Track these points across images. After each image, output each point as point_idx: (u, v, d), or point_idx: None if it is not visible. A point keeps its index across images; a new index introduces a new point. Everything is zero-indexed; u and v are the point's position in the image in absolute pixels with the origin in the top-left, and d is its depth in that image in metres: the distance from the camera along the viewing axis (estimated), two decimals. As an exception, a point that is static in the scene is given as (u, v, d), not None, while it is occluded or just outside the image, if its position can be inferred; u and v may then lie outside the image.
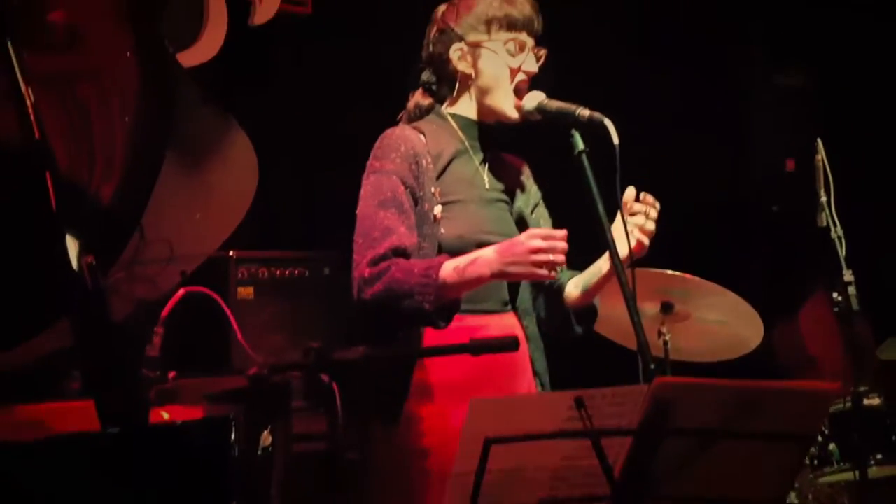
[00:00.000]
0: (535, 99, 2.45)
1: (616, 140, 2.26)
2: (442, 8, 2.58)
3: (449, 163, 2.49)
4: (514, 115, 2.50)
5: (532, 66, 2.49)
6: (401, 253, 2.33)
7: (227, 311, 2.26)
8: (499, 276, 2.28)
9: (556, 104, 2.41)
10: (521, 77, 2.49)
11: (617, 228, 2.36)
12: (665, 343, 3.27)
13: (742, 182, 4.69)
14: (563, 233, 2.26)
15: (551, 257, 2.22)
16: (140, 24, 2.25)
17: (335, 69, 3.96)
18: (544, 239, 2.23)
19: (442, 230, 2.41)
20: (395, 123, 2.57)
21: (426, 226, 2.40)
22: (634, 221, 2.40)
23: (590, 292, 2.54)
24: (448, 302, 2.30)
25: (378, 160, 2.43)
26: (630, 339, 3.26)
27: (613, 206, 2.35)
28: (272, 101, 3.85)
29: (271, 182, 3.64)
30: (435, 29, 2.55)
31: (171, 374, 2.17)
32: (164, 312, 2.25)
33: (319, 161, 3.87)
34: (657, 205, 2.43)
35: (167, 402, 2.17)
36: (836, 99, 4.41)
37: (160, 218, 2.48)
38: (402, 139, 2.45)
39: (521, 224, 2.57)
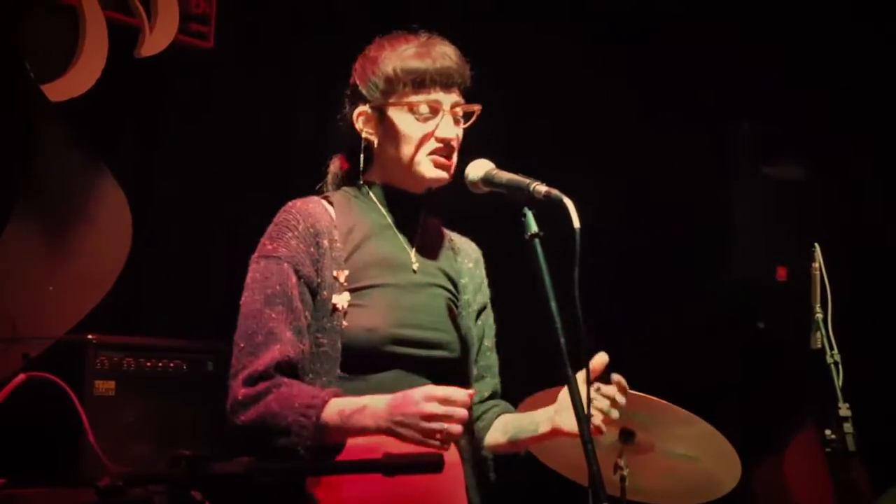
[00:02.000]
0: (481, 168, 2.45)
1: (577, 223, 2.27)
2: (360, 55, 2.59)
3: (363, 240, 2.49)
4: (436, 174, 2.50)
5: (448, 132, 2.50)
6: (283, 368, 2.34)
7: (77, 404, 2.21)
8: (386, 433, 2.28)
9: (506, 176, 2.42)
10: (433, 145, 2.49)
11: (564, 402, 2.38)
12: (622, 479, 3.25)
13: (724, 291, 4.76)
14: (465, 398, 2.25)
15: (446, 426, 2.22)
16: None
17: (237, 115, 3.98)
18: (442, 402, 2.23)
19: (345, 323, 2.40)
20: (318, 192, 2.60)
21: (325, 318, 2.41)
22: (598, 405, 2.42)
23: (518, 445, 2.58)
24: (330, 445, 2.31)
25: (271, 241, 2.44)
26: (579, 473, 3.28)
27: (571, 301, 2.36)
28: (157, 150, 3.83)
29: (147, 250, 3.62)
30: (350, 82, 2.59)
31: (0, 482, 2.10)
32: (-2, 401, 2.18)
33: (211, 227, 3.84)
34: (627, 392, 2.47)
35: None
36: (839, 198, 4.53)
37: (2, 286, 2.43)
38: (302, 215, 2.46)
39: (463, 326, 2.57)
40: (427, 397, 2.24)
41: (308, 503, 2.35)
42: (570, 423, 2.38)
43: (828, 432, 3.15)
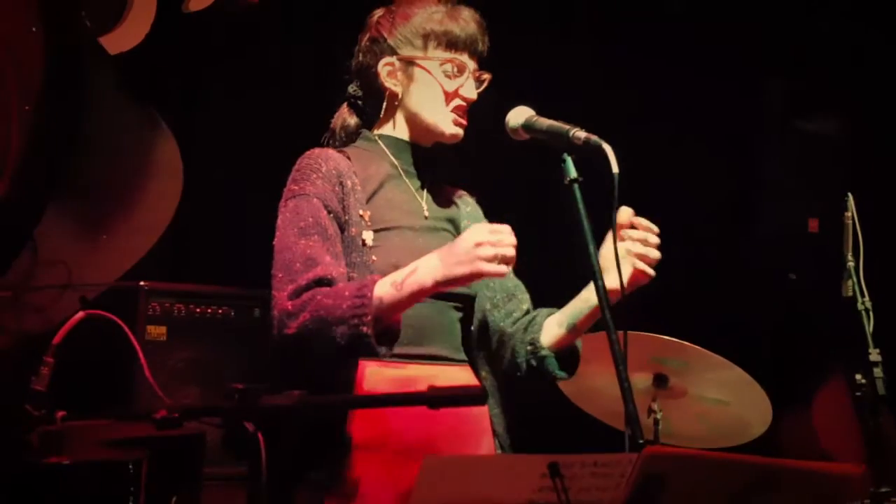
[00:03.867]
0: (522, 115, 2.46)
1: (616, 169, 2.26)
2: (378, 13, 2.65)
3: (379, 187, 2.54)
4: (453, 130, 2.56)
5: (471, 92, 2.57)
6: (326, 284, 2.34)
7: (135, 342, 2.23)
8: (444, 283, 2.28)
9: (546, 122, 2.42)
10: (457, 102, 2.55)
11: (607, 259, 2.35)
12: (656, 422, 3.27)
13: (757, 242, 4.73)
14: (507, 227, 2.29)
15: (500, 250, 2.24)
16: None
17: (282, 70, 3.98)
18: (490, 233, 2.26)
19: (374, 258, 2.44)
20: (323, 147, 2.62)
21: (354, 253, 2.44)
22: (631, 248, 2.41)
23: (577, 328, 2.53)
24: (387, 325, 2.30)
25: (296, 183, 2.48)
26: (614, 417, 3.29)
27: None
28: (206, 103, 3.84)
29: (196, 199, 3.64)
30: (367, 36, 2.62)
31: (60, 414, 2.12)
32: (57, 339, 2.20)
33: (257, 178, 3.84)
34: (655, 228, 2.44)
35: (52, 448, 2.12)
36: (871, 148, 4.48)
37: (58, 233, 2.45)
38: (322, 158, 2.50)
39: None
40: (473, 232, 2.28)
41: (344, 439, 2.35)
42: (616, 280, 2.33)
43: (858, 377, 3.14)
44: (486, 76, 2.60)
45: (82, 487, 1.86)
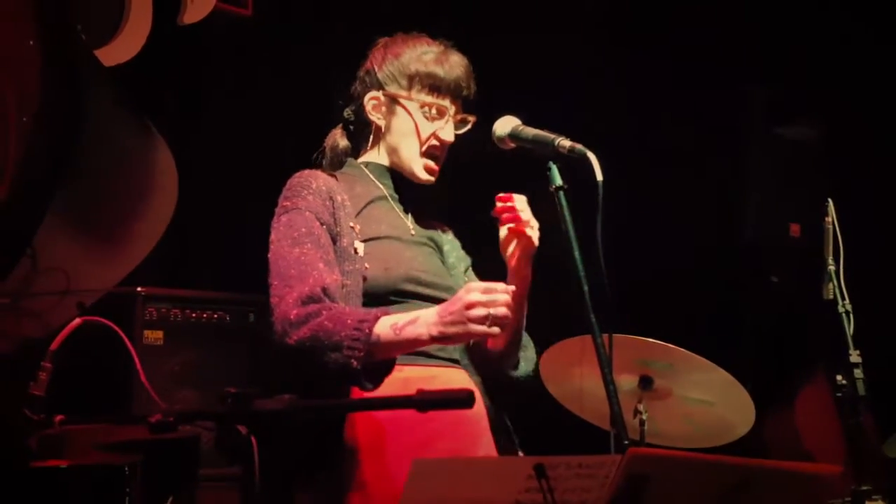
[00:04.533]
0: (508, 124, 2.49)
1: (600, 177, 2.29)
2: (380, 42, 2.71)
3: (367, 204, 2.60)
4: (424, 176, 2.63)
5: (448, 135, 2.62)
6: (327, 293, 2.37)
7: (130, 347, 2.24)
8: (438, 338, 2.31)
9: (532, 132, 2.46)
10: (433, 143, 2.62)
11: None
12: (642, 423, 3.28)
13: (739, 248, 4.75)
14: (505, 287, 2.31)
15: (491, 311, 2.25)
16: (46, 7, 2.24)
17: (275, 81, 3.99)
18: (483, 292, 2.28)
19: (366, 265, 2.48)
20: (315, 165, 2.69)
21: (347, 262, 2.48)
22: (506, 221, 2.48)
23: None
24: (378, 362, 2.32)
25: (288, 200, 2.53)
26: (601, 418, 3.30)
27: (594, 253, 2.37)
28: (200, 113, 3.85)
29: (191, 207, 3.64)
30: (363, 66, 2.70)
31: (58, 418, 2.13)
32: (55, 344, 2.21)
33: (252, 186, 3.85)
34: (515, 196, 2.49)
35: (51, 452, 2.13)
36: (850, 155, 4.50)
37: (57, 241, 2.46)
38: (312, 177, 2.56)
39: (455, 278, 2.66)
40: (468, 290, 2.30)
41: (340, 441, 2.37)
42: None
43: (839, 378, 3.17)
44: (471, 119, 2.65)
45: (80, 490, 1.87)
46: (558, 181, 2.36)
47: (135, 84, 3.42)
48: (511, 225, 2.48)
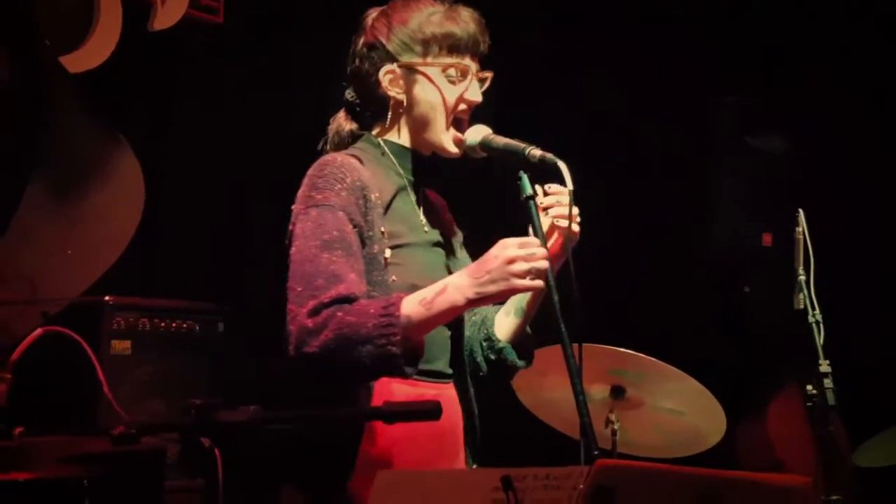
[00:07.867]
0: (479, 133, 2.44)
1: (570, 186, 2.27)
2: (372, 14, 2.52)
3: (392, 199, 2.43)
4: (454, 150, 2.47)
5: (475, 94, 2.46)
6: (347, 302, 2.21)
7: (92, 357, 2.20)
8: (476, 301, 2.21)
9: (503, 141, 2.41)
10: (461, 107, 2.45)
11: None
12: (614, 433, 3.27)
13: (712, 258, 4.76)
14: (535, 239, 2.24)
15: (533, 264, 2.18)
16: (8, 11, 2.20)
17: (245, 88, 3.96)
18: (520, 247, 2.20)
19: (393, 277, 2.34)
20: (320, 153, 2.50)
21: (375, 272, 2.32)
22: (558, 212, 2.38)
23: (525, 312, 2.50)
24: (413, 344, 2.19)
25: (319, 191, 2.32)
26: (572, 428, 3.28)
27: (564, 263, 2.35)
28: (170, 120, 3.82)
29: (159, 216, 3.61)
30: (362, 41, 2.49)
31: (18, 430, 2.09)
32: (15, 355, 2.17)
33: (222, 194, 3.83)
34: (564, 190, 2.35)
35: (10, 465, 2.08)
36: (820, 167, 4.51)
37: (21, 250, 2.42)
38: (346, 168, 2.35)
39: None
40: (503, 246, 2.20)
41: (353, 456, 2.27)
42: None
43: (809, 388, 3.16)
44: (488, 75, 2.49)
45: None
46: (529, 190, 2.32)
47: (103, 90, 3.38)
48: (557, 217, 2.37)
